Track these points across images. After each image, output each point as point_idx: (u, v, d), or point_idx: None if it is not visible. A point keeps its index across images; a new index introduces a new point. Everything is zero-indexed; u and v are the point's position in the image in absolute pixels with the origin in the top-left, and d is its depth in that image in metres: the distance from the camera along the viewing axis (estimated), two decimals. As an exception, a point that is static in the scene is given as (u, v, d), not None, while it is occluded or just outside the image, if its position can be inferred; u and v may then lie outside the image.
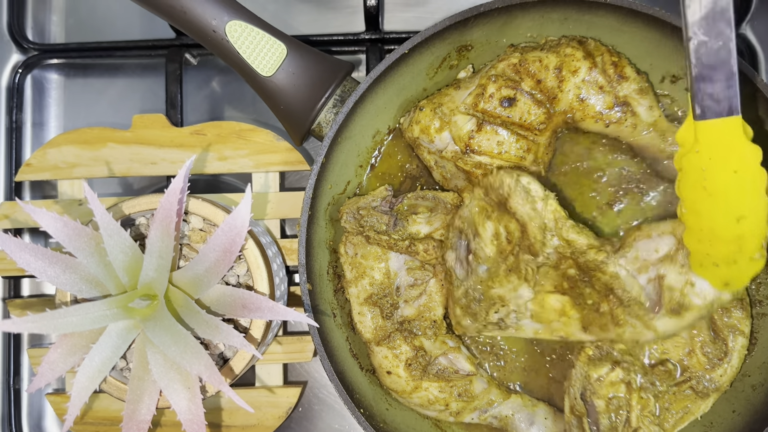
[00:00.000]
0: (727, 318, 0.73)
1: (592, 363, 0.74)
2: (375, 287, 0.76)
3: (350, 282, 0.76)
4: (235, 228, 0.65)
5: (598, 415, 0.73)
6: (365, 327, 0.76)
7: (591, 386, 0.73)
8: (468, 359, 0.76)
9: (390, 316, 0.76)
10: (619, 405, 0.73)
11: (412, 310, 0.76)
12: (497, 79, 0.75)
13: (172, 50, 0.91)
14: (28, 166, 0.85)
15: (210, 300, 0.68)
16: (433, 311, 0.77)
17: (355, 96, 0.75)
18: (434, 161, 0.78)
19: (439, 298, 0.77)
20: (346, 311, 0.79)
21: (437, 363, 0.75)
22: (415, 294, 0.76)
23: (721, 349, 0.73)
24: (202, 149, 0.85)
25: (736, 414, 0.74)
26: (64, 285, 0.66)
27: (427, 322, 0.76)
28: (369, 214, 0.77)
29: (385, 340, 0.75)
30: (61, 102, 0.96)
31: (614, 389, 0.73)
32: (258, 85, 0.77)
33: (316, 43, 0.90)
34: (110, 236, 0.64)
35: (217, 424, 0.83)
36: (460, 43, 0.78)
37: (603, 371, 0.73)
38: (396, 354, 0.75)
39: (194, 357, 0.63)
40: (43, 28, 0.98)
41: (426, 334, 0.76)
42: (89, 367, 0.65)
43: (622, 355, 0.74)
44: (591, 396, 0.73)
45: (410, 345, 0.75)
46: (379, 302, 0.76)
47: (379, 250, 0.76)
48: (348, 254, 0.77)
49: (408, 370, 0.75)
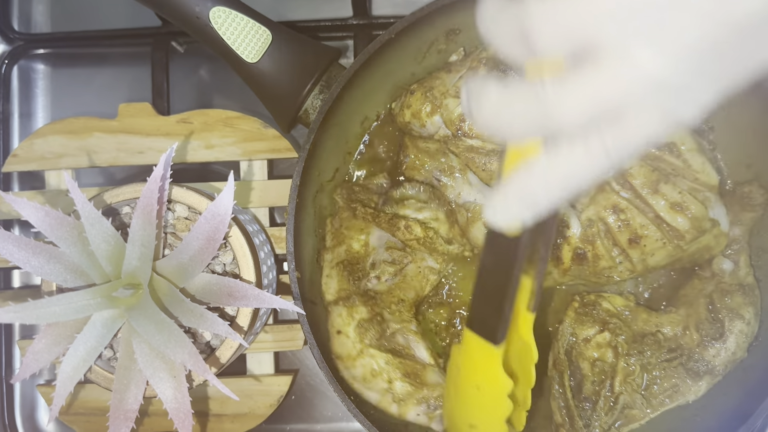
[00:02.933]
0: (728, 299, 0.72)
1: (579, 320, 0.74)
2: (350, 255, 0.75)
3: (327, 249, 0.76)
4: (218, 215, 0.65)
5: (583, 378, 0.73)
6: (329, 288, 0.74)
7: (578, 346, 0.73)
8: (428, 350, 0.73)
9: (357, 282, 0.74)
10: (603, 369, 0.72)
11: (383, 286, 0.75)
12: (488, 61, 0.74)
13: (158, 38, 0.90)
14: (15, 156, 0.85)
15: (195, 289, 0.67)
16: (405, 292, 0.75)
17: (342, 81, 0.74)
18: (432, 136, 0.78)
19: (416, 284, 0.75)
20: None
21: (393, 338, 0.73)
22: (390, 271, 0.75)
23: (717, 329, 0.72)
24: (189, 138, 0.84)
25: (727, 396, 0.74)
26: (49, 275, 0.66)
27: (395, 299, 0.75)
28: (362, 191, 0.76)
29: (345, 300, 0.73)
30: (48, 92, 0.96)
31: (600, 352, 0.73)
32: (243, 72, 0.76)
33: (303, 29, 0.89)
34: (92, 225, 0.64)
35: (208, 414, 0.83)
36: (447, 27, 0.77)
37: (591, 332, 0.73)
38: (351, 313, 0.73)
39: (178, 345, 0.63)
40: (29, 17, 0.97)
41: (390, 308, 0.74)
42: (74, 356, 0.65)
43: (609, 317, 0.74)
44: (577, 357, 0.73)
45: (369, 309, 0.73)
46: (351, 268, 0.75)
47: (362, 224, 0.75)
48: (333, 226, 0.76)
49: (358, 330, 0.71)
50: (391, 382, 0.72)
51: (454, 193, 0.76)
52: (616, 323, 0.73)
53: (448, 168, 0.75)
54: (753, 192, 0.73)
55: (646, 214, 0.70)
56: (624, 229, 0.70)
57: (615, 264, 0.72)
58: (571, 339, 0.74)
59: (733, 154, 0.77)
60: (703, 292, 0.74)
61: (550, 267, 0.72)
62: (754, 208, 0.73)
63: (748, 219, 0.74)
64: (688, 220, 0.69)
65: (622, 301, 0.75)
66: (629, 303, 0.75)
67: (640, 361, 0.73)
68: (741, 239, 0.74)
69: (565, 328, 0.75)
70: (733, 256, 0.74)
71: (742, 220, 0.74)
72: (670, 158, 0.69)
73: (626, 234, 0.70)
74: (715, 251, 0.73)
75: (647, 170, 0.70)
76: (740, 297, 0.73)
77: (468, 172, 0.76)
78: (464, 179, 0.76)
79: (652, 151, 0.70)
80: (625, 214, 0.70)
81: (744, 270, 0.74)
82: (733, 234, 0.74)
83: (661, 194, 0.69)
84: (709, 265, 0.75)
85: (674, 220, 0.69)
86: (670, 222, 0.69)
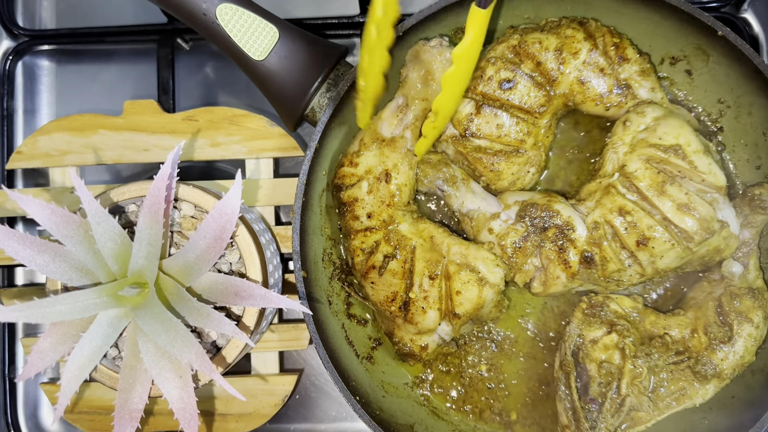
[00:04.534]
0: (737, 302, 0.72)
1: (586, 321, 0.74)
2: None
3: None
4: (225, 214, 0.64)
5: (589, 380, 0.72)
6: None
7: (585, 347, 0.73)
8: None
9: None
10: (610, 371, 0.72)
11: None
12: (496, 61, 0.73)
13: (164, 35, 0.90)
14: (19, 153, 0.84)
15: (202, 288, 0.67)
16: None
17: (349, 80, 0.73)
18: (434, 145, 0.77)
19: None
20: (342, 299, 0.78)
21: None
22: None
23: (726, 333, 0.72)
24: (194, 135, 0.84)
25: (735, 399, 0.73)
26: (54, 273, 0.65)
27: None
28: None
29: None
30: (52, 89, 0.95)
31: (607, 354, 0.72)
32: (250, 70, 0.75)
33: (310, 26, 0.89)
34: (98, 223, 0.63)
35: (214, 413, 0.82)
36: (456, 25, 0.77)
37: (598, 333, 0.73)
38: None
39: (185, 345, 0.63)
40: (34, 14, 0.96)
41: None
42: (79, 355, 0.64)
43: (617, 318, 0.73)
44: (584, 358, 0.73)
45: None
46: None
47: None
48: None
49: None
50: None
51: (457, 202, 0.76)
52: (623, 325, 0.73)
53: (451, 178, 0.75)
54: (763, 194, 0.73)
55: (653, 216, 0.69)
56: (631, 231, 0.70)
57: (624, 267, 0.71)
58: (578, 340, 0.74)
59: (742, 155, 0.77)
60: (712, 295, 0.74)
61: (558, 271, 0.72)
62: (765, 211, 0.73)
63: (759, 221, 0.73)
64: (696, 221, 0.69)
65: (630, 303, 0.75)
66: (637, 305, 0.75)
67: (648, 363, 0.73)
68: (751, 242, 0.74)
69: (572, 329, 0.74)
70: (742, 259, 0.74)
71: (752, 223, 0.73)
72: (675, 160, 0.69)
73: (634, 236, 0.70)
74: (725, 254, 0.73)
75: (653, 172, 0.69)
76: (749, 300, 0.72)
77: (471, 181, 0.76)
78: (467, 188, 0.75)
79: (658, 154, 0.69)
80: (632, 216, 0.70)
81: (753, 273, 0.74)
82: (743, 237, 0.73)
83: (667, 195, 0.69)
84: (718, 268, 0.74)
85: (682, 221, 0.69)
86: (678, 223, 0.69)
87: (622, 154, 0.72)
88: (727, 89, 0.76)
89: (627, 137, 0.72)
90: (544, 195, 0.74)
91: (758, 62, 0.71)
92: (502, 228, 0.73)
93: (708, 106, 0.77)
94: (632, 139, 0.71)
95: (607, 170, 0.73)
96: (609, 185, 0.71)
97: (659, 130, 0.70)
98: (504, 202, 0.74)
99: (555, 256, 0.72)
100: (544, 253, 0.72)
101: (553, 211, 0.72)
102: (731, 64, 0.74)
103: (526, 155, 0.74)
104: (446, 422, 0.78)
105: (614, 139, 0.73)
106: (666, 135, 0.70)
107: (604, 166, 0.73)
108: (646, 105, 0.72)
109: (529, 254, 0.73)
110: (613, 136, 0.73)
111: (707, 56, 0.75)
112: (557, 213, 0.71)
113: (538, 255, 0.73)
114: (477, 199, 0.75)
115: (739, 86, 0.74)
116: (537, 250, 0.73)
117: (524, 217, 0.72)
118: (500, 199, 0.75)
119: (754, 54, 0.71)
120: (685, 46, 0.75)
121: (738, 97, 0.75)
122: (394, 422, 0.75)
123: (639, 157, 0.70)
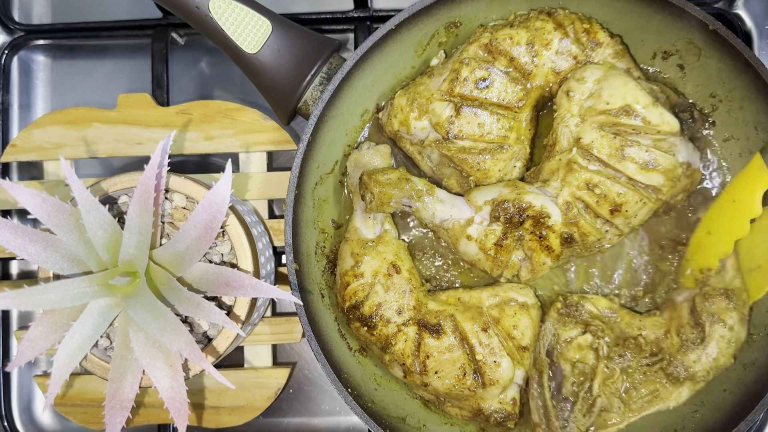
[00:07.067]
0: (710, 303, 0.72)
1: (561, 321, 0.74)
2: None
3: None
4: (215, 204, 0.64)
5: (563, 379, 0.72)
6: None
7: (560, 346, 0.73)
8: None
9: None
10: (583, 371, 0.72)
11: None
12: (470, 61, 0.73)
13: (159, 30, 0.90)
14: (13, 146, 0.85)
15: (193, 278, 0.67)
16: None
17: (342, 73, 0.74)
18: (418, 152, 0.78)
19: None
20: (335, 291, 0.79)
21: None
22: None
23: (698, 334, 0.72)
24: (188, 129, 0.84)
25: (727, 392, 0.73)
26: (45, 263, 0.65)
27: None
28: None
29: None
30: (48, 83, 0.96)
31: (581, 354, 0.72)
32: (243, 63, 0.76)
33: (305, 21, 0.89)
34: (89, 212, 0.63)
35: (206, 406, 0.82)
36: (448, 20, 0.77)
37: (573, 333, 0.73)
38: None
39: (174, 334, 0.63)
40: (30, 9, 0.97)
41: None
42: (69, 344, 0.64)
43: (592, 319, 0.73)
44: (558, 357, 0.73)
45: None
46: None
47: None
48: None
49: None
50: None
51: (428, 215, 0.76)
52: (598, 325, 0.73)
53: (416, 192, 0.75)
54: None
55: (620, 180, 0.70)
56: (603, 202, 0.71)
57: (603, 234, 0.73)
58: (552, 339, 0.74)
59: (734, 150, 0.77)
60: (688, 296, 0.74)
61: (542, 257, 0.73)
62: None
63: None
64: (661, 174, 0.70)
65: (606, 303, 0.75)
66: (613, 305, 0.75)
67: (621, 364, 0.73)
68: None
69: (547, 327, 0.74)
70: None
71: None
72: (628, 120, 0.70)
73: (606, 206, 0.71)
74: (692, 188, 0.75)
75: (609, 139, 0.70)
76: (723, 302, 0.72)
77: (435, 190, 0.76)
78: (434, 199, 0.75)
79: (609, 119, 0.70)
80: (600, 188, 0.71)
81: (731, 273, 0.73)
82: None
83: (629, 159, 0.70)
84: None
85: (648, 178, 0.70)
86: (645, 181, 0.70)
87: (574, 126, 0.72)
88: (719, 84, 0.76)
89: (574, 108, 0.72)
90: (511, 187, 0.74)
91: (749, 56, 0.71)
92: (480, 232, 0.73)
93: (700, 101, 0.78)
94: (579, 110, 0.72)
95: (563, 146, 0.73)
96: (569, 161, 0.72)
97: (604, 94, 0.70)
98: (474, 204, 0.74)
99: (537, 245, 0.73)
100: (525, 245, 0.73)
101: (524, 204, 0.72)
102: (723, 59, 0.74)
103: (511, 150, 0.74)
104: (438, 415, 0.78)
105: (561, 111, 0.73)
106: (612, 97, 0.70)
107: (559, 141, 0.73)
108: (583, 69, 0.72)
109: (512, 250, 0.73)
110: (560, 109, 0.73)
111: (699, 51, 0.75)
112: (529, 205, 0.72)
113: (520, 247, 0.73)
114: (446, 207, 0.75)
115: (730, 81, 0.75)
116: (518, 243, 0.73)
117: (498, 217, 0.72)
118: (469, 201, 0.75)
119: (746, 48, 0.71)
120: (677, 41, 0.76)
121: (730, 92, 0.75)
122: (386, 415, 0.75)
123: (591, 126, 0.71)
